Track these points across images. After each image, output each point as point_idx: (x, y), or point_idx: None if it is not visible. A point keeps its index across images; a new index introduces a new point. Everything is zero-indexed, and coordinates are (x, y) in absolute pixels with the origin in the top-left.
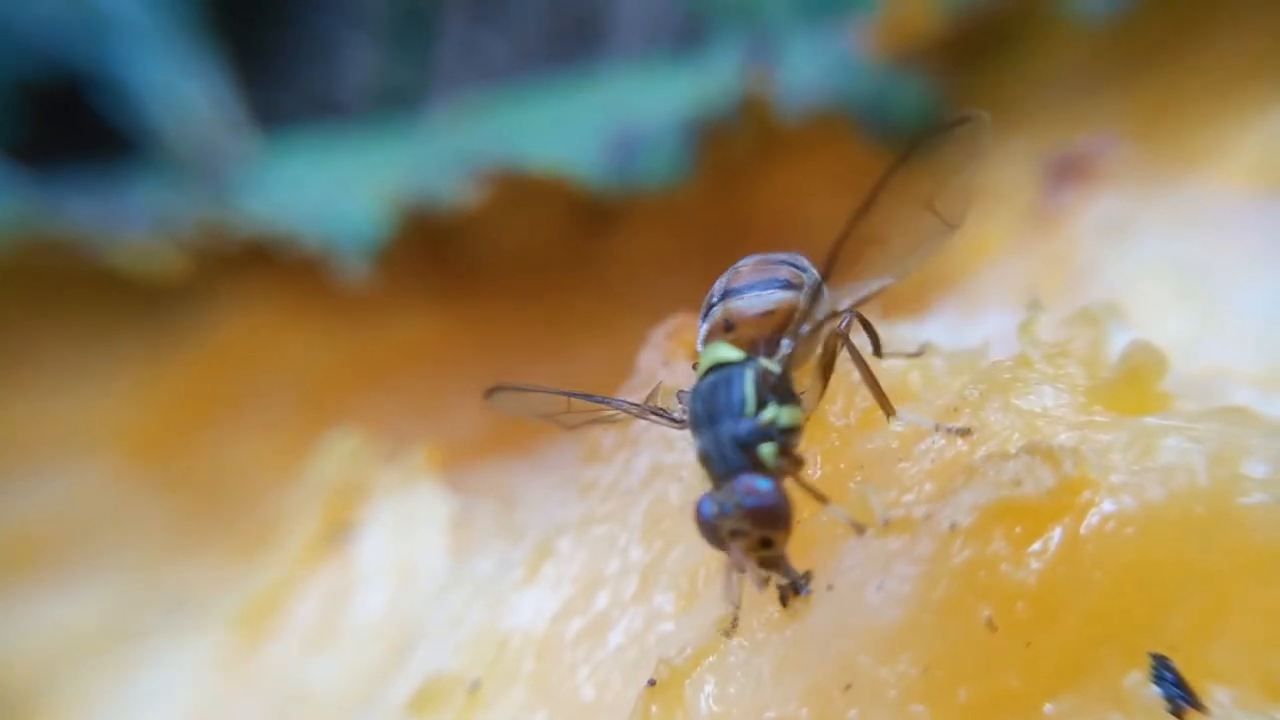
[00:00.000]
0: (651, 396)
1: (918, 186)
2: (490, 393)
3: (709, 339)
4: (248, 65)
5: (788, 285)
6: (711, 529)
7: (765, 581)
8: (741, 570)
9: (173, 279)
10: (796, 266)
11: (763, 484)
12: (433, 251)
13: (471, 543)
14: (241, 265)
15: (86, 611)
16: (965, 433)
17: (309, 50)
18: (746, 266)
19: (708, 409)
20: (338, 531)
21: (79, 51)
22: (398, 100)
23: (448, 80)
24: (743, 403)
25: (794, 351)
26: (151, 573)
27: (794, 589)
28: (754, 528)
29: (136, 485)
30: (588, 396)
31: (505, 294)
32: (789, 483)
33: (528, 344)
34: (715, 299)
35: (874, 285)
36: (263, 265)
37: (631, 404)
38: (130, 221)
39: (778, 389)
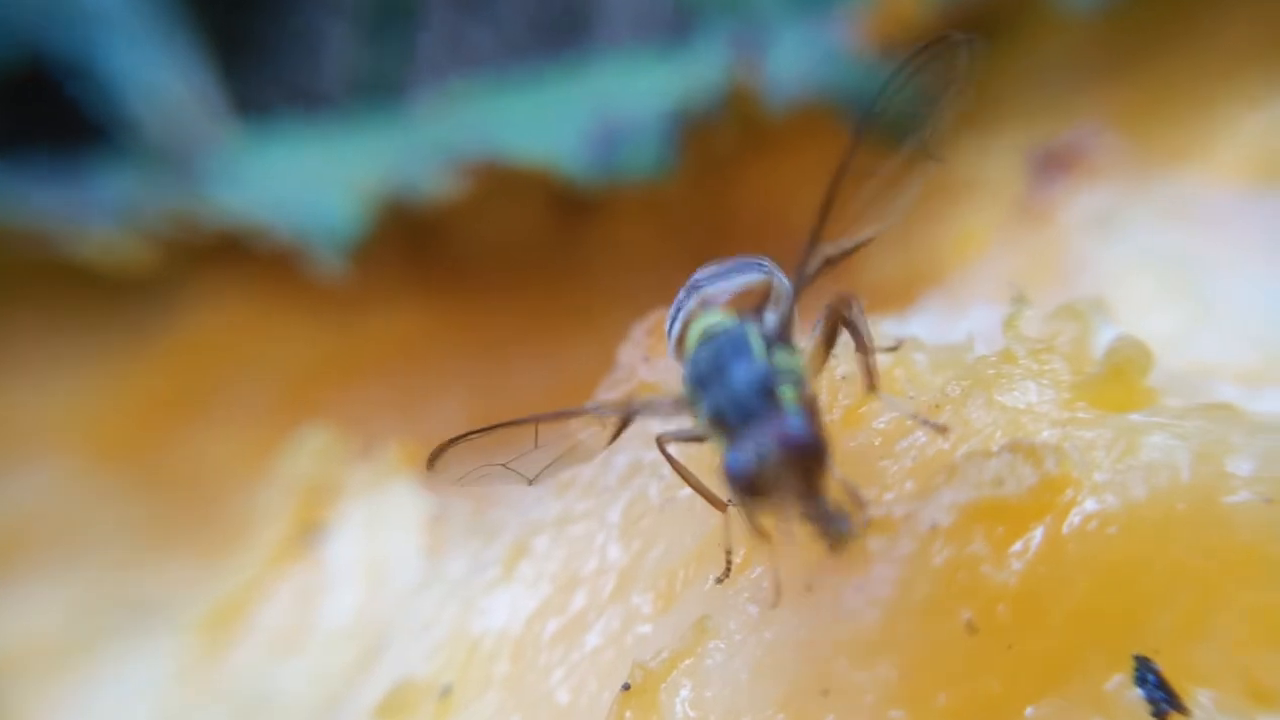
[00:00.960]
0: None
1: (905, 117)
2: (433, 458)
3: (690, 320)
4: (227, 54)
5: (758, 268)
6: (747, 483)
7: (812, 528)
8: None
9: (140, 271)
10: (759, 260)
11: (794, 421)
12: (412, 244)
13: (446, 542)
14: (214, 258)
15: (49, 615)
16: (943, 429)
17: (289, 39)
18: (710, 266)
19: (714, 366)
20: (308, 531)
21: (52, 37)
22: (379, 90)
23: (431, 70)
24: (751, 351)
25: (791, 306)
26: (117, 575)
27: (840, 530)
28: (795, 468)
29: (103, 484)
30: (558, 414)
31: (486, 287)
32: None
33: (509, 338)
34: (684, 299)
35: (860, 237)
36: (236, 258)
37: (609, 408)
38: (97, 212)
39: (780, 340)
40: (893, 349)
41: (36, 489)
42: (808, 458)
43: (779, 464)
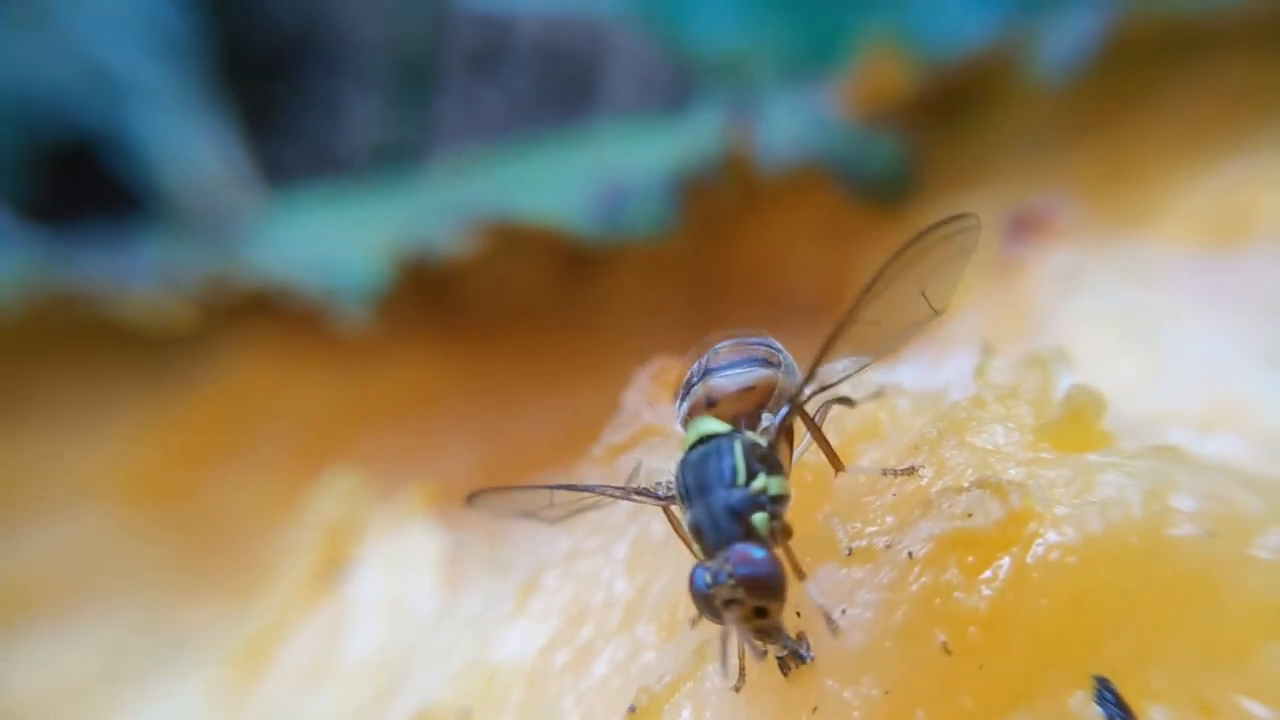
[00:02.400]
0: (633, 477)
1: (911, 273)
2: (471, 498)
3: (691, 415)
4: (255, 123)
5: (765, 363)
6: (706, 599)
7: (764, 653)
8: (738, 638)
9: (178, 329)
10: (770, 347)
11: (757, 553)
12: (429, 299)
13: (462, 578)
14: (244, 314)
15: (88, 653)
16: (911, 472)
17: (314, 108)
18: (724, 348)
19: (698, 480)
20: (333, 569)
21: (92, 113)
22: (399, 155)
23: (447, 136)
24: (734, 472)
25: (780, 425)
26: (154, 612)
27: (796, 657)
28: (748, 597)
29: (139, 529)
30: (570, 487)
31: (499, 339)
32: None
33: (520, 387)
34: (695, 379)
35: (854, 365)
36: (265, 313)
37: (615, 489)
38: (137, 275)
39: (766, 459)
40: (876, 395)
41: (77, 534)
42: (761, 590)
43: (734, 591)
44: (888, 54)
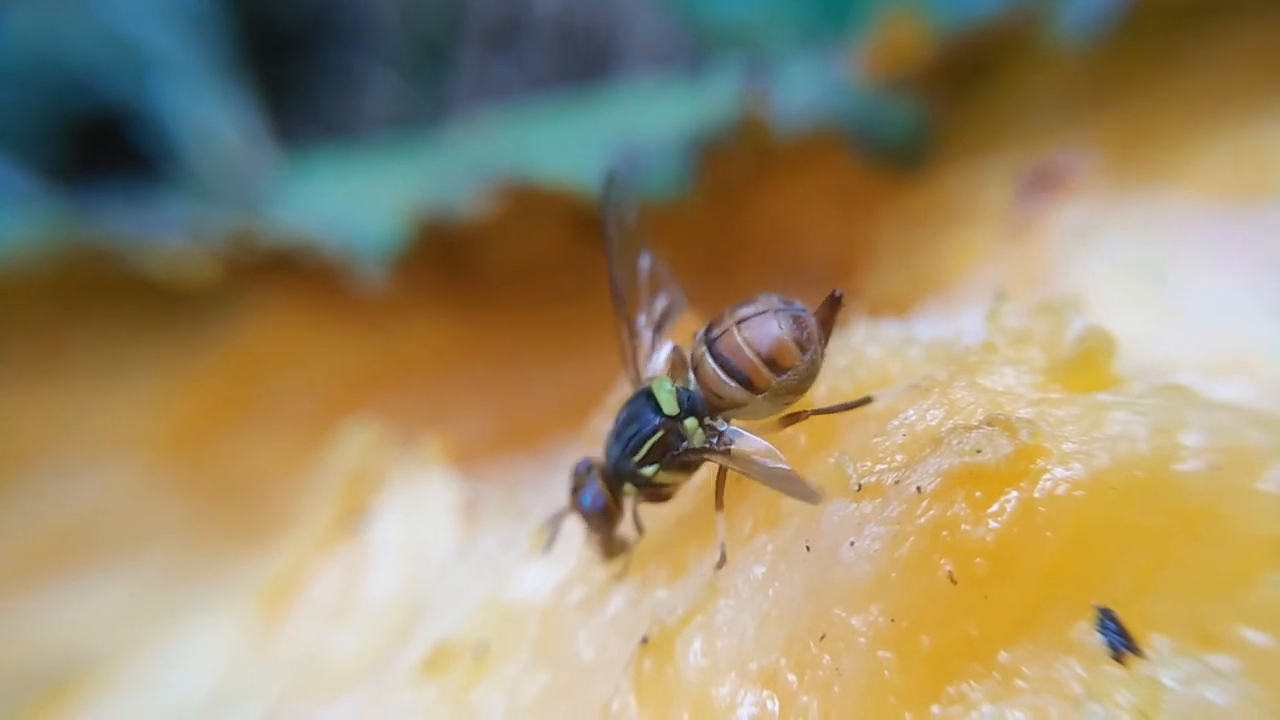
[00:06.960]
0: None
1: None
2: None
3: (678, 354)
4: (274, 98)
5: (749, 384)
6: (571, 483)
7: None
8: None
9: (201, 285)
10: (782, 370)
11: (599, 500)
12: (446, 260)
13: (479, 523)
14: (265, 272)
15: (119, 593)
16: (918, 388)
17: (332, 84)
18: (766, 331)
19: (616, 425)
20: (354, 515)
21: (117, 86)
22: (414, 127)
23: (462, 111)
24: (636, 448)
25: (699, 449)
26: (182, 557)
27: (618, 548)
28: (583, 520)
29: (166, 479)
30: (622, 309)
31: (514, 300)
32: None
33: (534, 347)
34: (726, 318)
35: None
36: (285, 272)
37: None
38: (162, 229)
39: (671, 452)
40: (862, 403)
41: (107, 483)
42: (588, 521)
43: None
44: (906, 18)
